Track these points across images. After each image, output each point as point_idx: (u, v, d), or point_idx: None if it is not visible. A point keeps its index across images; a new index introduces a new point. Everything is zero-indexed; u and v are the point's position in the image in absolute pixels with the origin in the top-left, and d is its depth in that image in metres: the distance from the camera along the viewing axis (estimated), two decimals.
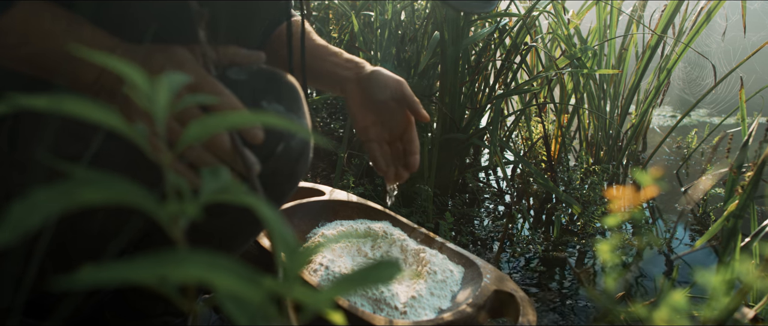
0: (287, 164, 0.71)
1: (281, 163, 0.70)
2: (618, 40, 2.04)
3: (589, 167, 1.93)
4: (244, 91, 0.64)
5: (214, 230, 0.76)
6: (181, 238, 0.32)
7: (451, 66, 1.63)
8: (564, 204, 1.75)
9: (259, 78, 0.68)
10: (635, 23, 1.99)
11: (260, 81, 0.68)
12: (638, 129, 1.99)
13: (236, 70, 0.69)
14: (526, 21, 1.74)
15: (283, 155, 0.69)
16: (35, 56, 0.63)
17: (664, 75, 1.84)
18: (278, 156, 0.69)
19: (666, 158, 2.24)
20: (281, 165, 0.70)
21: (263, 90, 0.68)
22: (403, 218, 1.14)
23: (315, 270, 0.94)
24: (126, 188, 0.30)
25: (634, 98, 2.03)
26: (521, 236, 1.58)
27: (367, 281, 0.31)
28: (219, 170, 0.38)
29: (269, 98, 0.68)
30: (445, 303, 0.93)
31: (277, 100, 0.68)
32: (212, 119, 0.33)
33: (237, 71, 0.68)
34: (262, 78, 0.69)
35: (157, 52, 0.62)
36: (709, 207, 1.76)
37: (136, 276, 0.26)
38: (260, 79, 0.68)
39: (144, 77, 0.31)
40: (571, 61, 1.72)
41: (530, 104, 1.95)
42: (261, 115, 0.35)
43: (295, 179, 0.75)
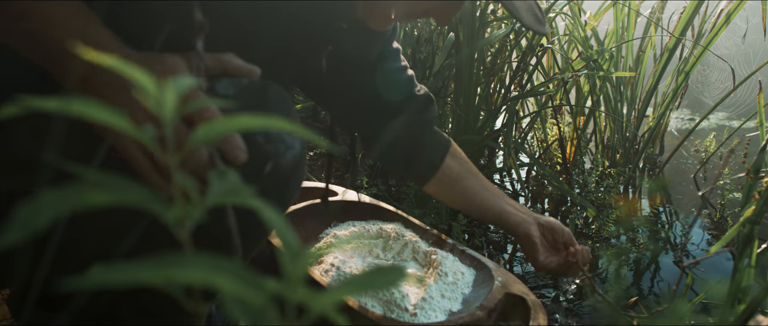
0: (278, 183, 0.68)
1: (270, 183, 0.67)
2: (635, 43, 2.02)
3: (605, 170, 1.91)
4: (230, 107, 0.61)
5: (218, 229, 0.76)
6: (187, 240, 0.33)
7: (466, 67, 1.63)
8: (579, 207, 1.74)
9: (247, 93, 0.65)
10: (653, 25, 1.97)
11: (249, 97, 0.65)
12: (655, 132, 1.97)
13: (225, 83, 0.65)
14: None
15: (273, 175, 0.66)
16: (30, 35, 0.62)
17: (682, 78, 1.82)
18: (267, 176, 0.66)
19: (683, 161, 2.21)
20: (270, 186, 0.67)
21: (251, 107, 0.65)
22: (416, 219, 1.14)
23: (326, 270, 0.95)
24: (133, 190, 0.31)
25: (651, 101, 2.01)
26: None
27: (371, 285, 0.31)
28: (225, 171, 0.38)
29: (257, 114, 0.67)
30: (455, 305, 0.93)
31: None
32: (222, 122, 0.33)
33: (225, 85, 0.65)
34: (251, 93, 0.66)
35: (149, 60, 0.60)
36: (726, 212, 1.74)
37: (142, 278, 0.27)
38: (249, 95, 0.65)
39: (152, 81, 0.32)
40: (588, 63, 1.70)
41: (546, 106, 1.94)
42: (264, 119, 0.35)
43: (287, 197, 0.72)
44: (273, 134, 0.66)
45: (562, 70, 1.78)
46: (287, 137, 0.67)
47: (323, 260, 0.98)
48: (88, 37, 0.62)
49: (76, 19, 0.62)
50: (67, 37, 0.60)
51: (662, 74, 1.87)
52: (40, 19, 0.61)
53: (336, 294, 0.30)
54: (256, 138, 0.63)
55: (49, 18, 0.61)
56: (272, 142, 0.65)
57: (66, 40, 0.60)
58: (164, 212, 0.31)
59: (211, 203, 0.35)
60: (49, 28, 0.61)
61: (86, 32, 0.62)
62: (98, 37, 0.62)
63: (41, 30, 0.61)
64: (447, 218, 1.58)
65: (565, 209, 1.78)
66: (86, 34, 0.62)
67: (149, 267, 0.26)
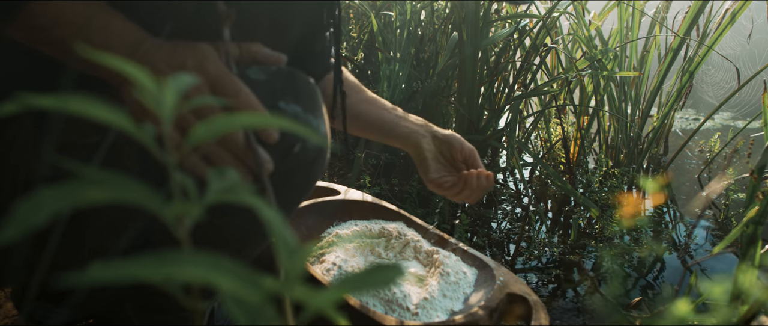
0: (304, 165, 0.71)
1: (298, 163, 0.70)
2: (640, 43, 2.01)
3: (609, 170, 1.91)
4: (263, 90, 0.65)
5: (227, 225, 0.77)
6: (186, 238, 0.33)
7: (469, 66, 1.63)
8: (582, 207, 1.74)
9: (278, 78, 0.69)
10: (658, 25, 1.97)
11: (279, 81, 0.69)
12: (659, 132, 1.96)
13: (256, 69, 0.69)
14: (547, 22, 1.72)
15: (300, 155, 0.70)
16: (63, 41, 0.64)
17: (687, 78, 1.81)
18: (295, 156, 0.69)
19: (687, 162, 2.20)
20: (298, 165, 0.71)
21: (282, 90, 0.69)
22: (418, 218, 1.14)
23: (328, 269, 0.95)
24: (132, 188, 0.31)
25: (655, 101, 2.00)
26: (538, 239, 1.57)
27: (369, 283, 0.31)
28: (225, 169, 0.38)
29: (287, 98, 0.68)
30: (457, 304, 0.93)
31: (295, 101, 0.69)
32: (221, 119, 0.33)
33: (256, 71, 0.69)
34: (281, 78, 0.69)
35: (181, 47, 0.63)
36: (731, 212, 1.73)
37: (140, 276, 0.27)
38: (279, 79, 0.69)
39: (151, 79, 0.32)
40: (591, 63, 1.70)
41: (549, 106, 1.93)
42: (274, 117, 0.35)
43: (311, 180, 0.75)
44: (301, 116, 0.69)
45: (565, 70, 1.78)
46: (314, 121, 0.70)
47: (325, 259, 0.98)
48: (116, 33, 0.63)
49: (103, 17, 0.64)
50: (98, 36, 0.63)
51: (666, 74, 1.86)
52: (69, 23, 0.63)
53: (334, 292, 0.30)
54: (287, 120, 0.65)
55: (78, 21, 0.63)
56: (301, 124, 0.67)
57: (97, 39, 0.62)
58: (163, 210, 0.32)
59: (210, 201, 0.35)
60: (79, 31, 0.63)
61: (114, 28, 0.64)
62: (126, 32, 0.63)
63: (73, 34, 0.63)
64: (450, 217, 1.58)
65: (569, 209, 1.78)
66: (114, 31, 0.63)
67: (147, 265, 0.27)
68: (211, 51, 0.63)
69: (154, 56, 0.62)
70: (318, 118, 0.71)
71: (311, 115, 0.70)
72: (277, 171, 0.67)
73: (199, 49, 0.63)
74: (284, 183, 0.72)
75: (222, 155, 0.62)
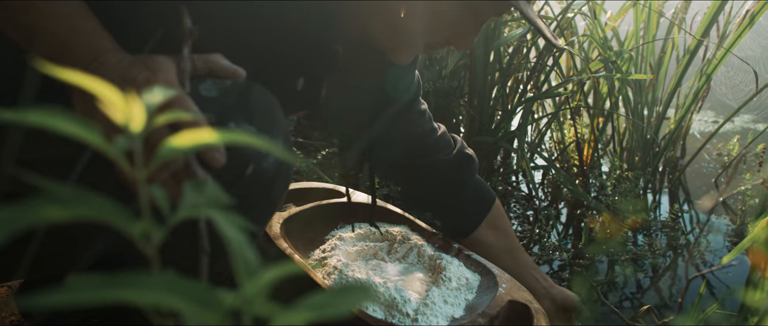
0: (260, 187, 0.67)
1: (253, 186, 0.66)
2: (658, 44, 1.98)
3: (623, 174, 1.88)
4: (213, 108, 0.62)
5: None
6: (154, 256, 0.32)
7: (480, 68, 1.61)
8: (594, 211, 1.71)
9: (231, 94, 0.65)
10: (676, 27, 1.93)
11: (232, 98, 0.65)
12: (675, 135, 1.93)
13: (209, 84, 0.65)
14: (560, 22, 1.70)
15: (254, 177, 0.66)
16: (28, 29, 0.63)
17: (704, 80, 1.77)
18: (248, 179, 0.65)
19: (705, 165, 2.16)
20: (253, 188, 0.66)
21: (233, 108, 0.64)
22: (423, 222, 1.13)
23: (329, 273, 0.94)
24: (96, 205, 0.31)
25: (672, 103, 1.97)
26: (548, 243, 1.55)
27: (333, 306, 0.30)
28: (200, 182, 0.38)
29: (239, 117, 0.64)
30: (458, 311, 0.92)
31: (247, 120, 0.65)
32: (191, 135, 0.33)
33: (209, 86, 0.65)
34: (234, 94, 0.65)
35: (138, 62, 0.61)
36: (747, 218, 1.70)
37: (93, 299, 0.26)
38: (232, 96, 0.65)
39: (120, 94, 0.31)
40: (606, 64, 1.67)
41: (562, 108, 1.91)
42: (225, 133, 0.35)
43: (272, 201, 0.71)
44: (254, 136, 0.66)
45: (579, 72, 1.76)
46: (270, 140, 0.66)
47: (327, 262, 0.98)
48: (83, 37, 0.63)
49: (76, 18, 0.63)
50: (66, 33, 0.62)
51: (683, 76, 1.83)
52: (40, 13, 0.62)
53: (297, 314, 0.29)
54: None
55: (49, 13, 0.62)
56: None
57: (64, 35, 0.62)
58: (129, 227, 0.31)
59: (182, 216, 0.34)
60: (48, 23, 0.62)
61: (83, 32, 0.63)
62: (93, 38, 0.63)
63: (40, 24, 0.62)
64: None
65: (580, 213, 1.76)
66: (82, 34, 0.63)
67: (101, 288, 0.26)
68: (168, 64, 0.61)
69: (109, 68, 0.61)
70: (274, 137, 0.67)
71: (266, 134, 0.66)
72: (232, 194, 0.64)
73: (154, 62, 0.60)
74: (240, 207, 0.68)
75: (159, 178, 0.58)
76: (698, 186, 1.99)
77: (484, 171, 1.76)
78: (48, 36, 0.62)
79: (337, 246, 1.03)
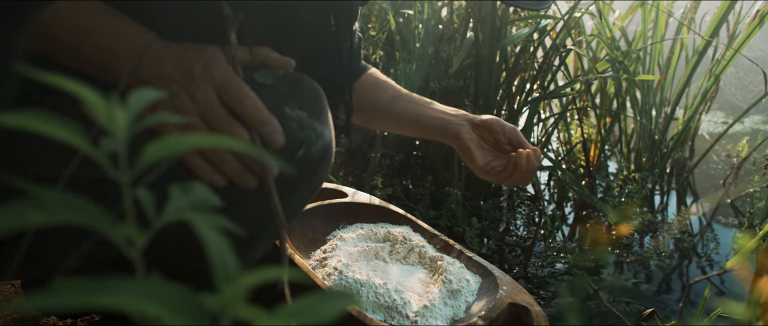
0: (307, 170, 0.71)
1: (301, 168, 0.71)
2: (666, 44, 1.96)
3: (629, 175, 1.86)
4: (269, 95, 0.66)
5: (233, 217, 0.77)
6: (138, 260, 0.32)
7: (485, 67, 1.60)
8: (600, 213, 1.70)
9: (284, 83, 0.70)
10: (686, 27, 1.91)
11: (285, 86, 0.70)
12: (684, 135, 1.91)
13: (263, 73, 0.70)
14: (567, 22, 1.69)
15: (303, 160, 0.70)
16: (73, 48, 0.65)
17: (712, 81, 1.76)
18: (298, 161, 0.70)
19: (714, 166, 2.14)
20: (301, 170, 0.71)
21: (287, 95, 0.69)
22: (425, 223, 1.13)
23: (329, 274, 0.94)
24: (79, 209, 0.30)
25: (680, 103, 1.95)
26: (553, 244, 1.54)
27: (315, 313, 0.30)
28: (191, 186, 0.37)
29: (293, 104, 0.69)
30: (458, 313, 0.91)
31: (300, 106, 0.70)
32: (173, 138, 0.33)
33: (263, 74, 0.70)
34: (287, 83, 0.70)
35: (189, 51, 0.64)
36: (755, 221, 1.68)
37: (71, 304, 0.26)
38: (285, 84, 0.70)
39: (101, 99, 0.31)
40: (613, 65, 1.66)
41: (568, 109, 1.89)
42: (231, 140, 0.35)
43: (315, 184, 0.75)
44: (306, 121, 0.70)
45: (585, 72, 1.74)
46: (318, 126, 0.71)
47: (327, 263, 0.98)
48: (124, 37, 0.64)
49: (110, 22, 0.65)
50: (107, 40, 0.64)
51: (691, 77, 1.81)
52: (78, 32, 0.64)
53: (277, 319, 0.29)
54: (291, 124, 0.68)
55: (86, 28, 0.64)
56: (305, 129, 0.70)
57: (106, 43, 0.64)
58: (112, 231, 0.31)
59: (166, 220, 0.34)
60: (87, 37, 0.64)
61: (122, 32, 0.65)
62: (134, 35, 0.64)
63: (82, 40, 0.64)
64: (463, 220, 1.56)
65: (587, 213, 1.75)
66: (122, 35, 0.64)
67: (80, 293, 0.26)
68: (218, 54, 0.64)
69: (162, 58, 0.63)
70: (322, 123, 0.71)
71: (316, 120, 0.70)
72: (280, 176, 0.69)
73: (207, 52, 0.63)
74: (287, 188, 0.72)
75: (228, 160, 0.64)
76: (706, 188, 1.97)
77: None
78: (92, 49, 0.64)
79: (338, 246, 1.03)
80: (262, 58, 0.68)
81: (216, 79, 0.62)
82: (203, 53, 0.63)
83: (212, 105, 0.62)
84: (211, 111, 0.61)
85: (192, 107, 0.61)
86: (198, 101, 0.61)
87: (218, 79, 0.62)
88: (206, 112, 0.61)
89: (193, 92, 0.61)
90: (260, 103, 0.62)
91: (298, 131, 0.68)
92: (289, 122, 0.68)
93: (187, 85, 0.61)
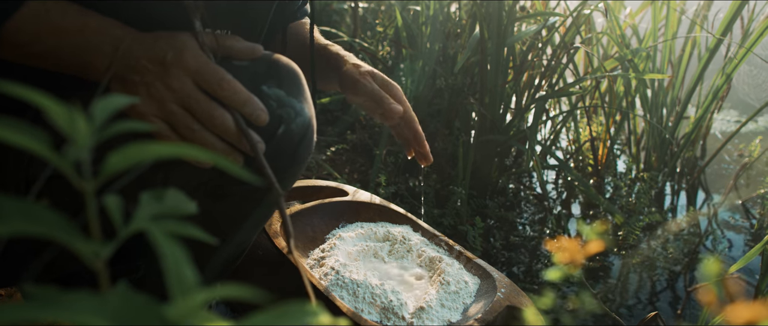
0: (289, 146, 0.73)
1: (283, 145, 0.72)
2: (678, 43, 1.93)
3: (638, 174, 1.84)
4: (245, 75, 0.67)
5: (216, 213, 0.77)
6: (103, 271, 0.32)
7: (492, 65, 1.59)
8: (607, 213, 1.68)
9: (260, 63, 0.71)
10: (699, 25, 1.88)
11: (262, 66, 0.71)
12: (694, 135, 1.88)
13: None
14: (576, 19, 1.67)
15: (284, 137, 0.71)
16: (47, 52, 0.65)
17: (724, 79, 1.73)
18: (279, 138, 0.71)
19: (725, 166, 2.11)
20: (283, 147, 0.72)
21: (263, 75, 0.70)
22: (425, 223, 1.12)
23: (325, 273, 0.94)
24: (41, 219, 0.30)
25: (691, 101, 1.92)
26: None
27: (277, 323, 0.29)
28: (160, 193, 0.37)
29: (270, 82, 0.70)
30: (455, 315, 0.90)
31: (277, 85, 0.71)
32: (135, 148, 0.32)
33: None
34: (263, 63, 0.71)
35: (160, 40, 0.64)
36: (765, 222, 1.65)
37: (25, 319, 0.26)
38: (262, 65, 0.71)
39: (62, 107, 0.31)
40: (622, 63, 1.64)
41: (576, 107, 1.87)
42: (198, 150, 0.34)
43: (298, 162, 0.76)
44: (284, 99, 0.71)
45: (593, 70, 1.72)
46: (297, 104, 0.72)
47: (325, 262, 0.97)
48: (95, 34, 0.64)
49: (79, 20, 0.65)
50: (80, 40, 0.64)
51: (702, 75, 1.78)
52: (51, 35, 0.64)
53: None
54: (270, 102, 0.69)
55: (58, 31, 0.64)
56: (283, 106, 0.71)
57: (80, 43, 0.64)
58: (77, 243, 0.30)
59: (133, 229, 0.34)
60: (61, 40, 0.64)
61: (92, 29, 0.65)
62: (108, 29, 0.65)
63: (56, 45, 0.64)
64: (468, 218, 1.55)
65: (594, 213, 1.73)
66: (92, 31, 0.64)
67: (32, 309, 0.26)
68: (190, 41, 0.64)
69: (135, 51, 0.63)
70: (301, 101, 0.72)
71: (294, 99, 0.72)
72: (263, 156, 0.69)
73: (178, 40, 0.63)
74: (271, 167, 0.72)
75: (215, 143, 0.65)
76: (718, 188, 1.94)
77: (496, 170, 1.74)
78: (68, 50, 0.64)
79: (336, 245, 1.02)
80: (228, 49, 0.68)
81: (190, 66, 0.62)
82: (174, 42, 0.63)
83: (189, 92, 0.62)
84: (188, 98, 0.61)
85: (169, 95, 0.61)
86: (174, 89, 0.61)
87: (192, 67, 0.62)
88: (184, 99, 0.62)
89: (169, 81, 0.61)
90: (238, 84, 0.62)
91: (277, 109, 0.69)
92: (268, 100, 0.69)
93: (161, 74, 0.62)
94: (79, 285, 0.90)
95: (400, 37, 1.96)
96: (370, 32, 2.34)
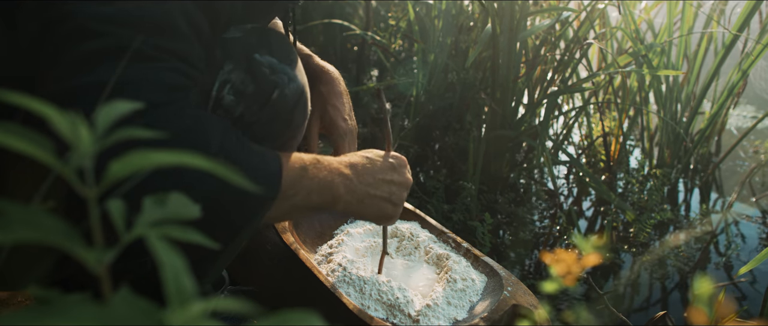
0: (284, 111, 0.76)
1: (278, 109, 0.75)
2: (694, 38, 1.91)
3: (650, 171, 1.83)
4: (238, 45, 0.72)
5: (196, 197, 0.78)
6: (105, 276, 0.32)
7: (503, 60, 1.58)
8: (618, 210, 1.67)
9: (252, 33, 0.75)
10: (715, 21, 1.86)
11: (253, 36, 0.75)
12: (709, 131, 1.86)
13: (232, 29, 0.75)
14: (590, 13, 1.65)
15: (279, 101, 0.74)
16: (298, 207, 0.71)
17: (740, 75, 1.70)
18: (274, 103, 0.74)
19: (740, 163, 2.09)
20: (277, 112, 0.75)
21: (256, 44, 0.74)
22: (434, 220, 1.12)
23: (333, 270, 0.94)
24: (44, 226, 0.31)
25: (706, 97, 1.89)
26: (569, 241, 1.52)
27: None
28: (163, 198, 0.37)
29: (262, 50, 0.74)
30: (461, 313, 0.90)
31: (269, 53, 0.74)
32: (138, 155, 0.32)
33: (232, 30, 0.75)
34: (255, 34, 0.75)
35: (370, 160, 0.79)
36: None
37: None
38: (254, 35, 0.75)
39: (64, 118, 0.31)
40: (636, 58, 1.62)
41: (589, 102, 1.86)
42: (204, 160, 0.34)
43: (293, 127, 0.79)
44: (277, 66, 0.74)
45: (607, 66, 1.71)
46: (290, 70, 0.76)
47: (332, 259, 0.98)
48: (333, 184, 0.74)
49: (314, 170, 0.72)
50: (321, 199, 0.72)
51: (717, 71, 1.76)
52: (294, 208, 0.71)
53: None
54: (263, 69, 0.73)
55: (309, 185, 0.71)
56: (276, 73, 0.74)
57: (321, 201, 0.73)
58: (80, 250, 0.31)
59: (135, 235, 0.34)
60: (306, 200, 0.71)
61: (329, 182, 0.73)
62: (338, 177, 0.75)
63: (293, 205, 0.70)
64: (478, 213, 1.54)
65: (605, 209, 1.72)
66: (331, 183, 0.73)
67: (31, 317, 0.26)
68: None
69: (366, 179, 0.76)
70: (293, 69, 0.76)
71: (286, 65, 0.75)
72: (258, 119, 0.74)
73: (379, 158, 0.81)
74: (266, 131, 0.76)
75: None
76: (732, 186, 1.92)
77: (507, 165, 1.74)
78: (311, 207, 0.73)
79: (344, 241, 1.03)
80: None
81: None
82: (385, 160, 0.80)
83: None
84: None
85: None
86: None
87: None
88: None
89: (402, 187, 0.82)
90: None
91: (270, 75, 0.73)
92: (260, 67, 0.72)
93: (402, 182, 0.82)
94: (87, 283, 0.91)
95: (412, 31, 1.95)
96: (383, 24, 2.33)
